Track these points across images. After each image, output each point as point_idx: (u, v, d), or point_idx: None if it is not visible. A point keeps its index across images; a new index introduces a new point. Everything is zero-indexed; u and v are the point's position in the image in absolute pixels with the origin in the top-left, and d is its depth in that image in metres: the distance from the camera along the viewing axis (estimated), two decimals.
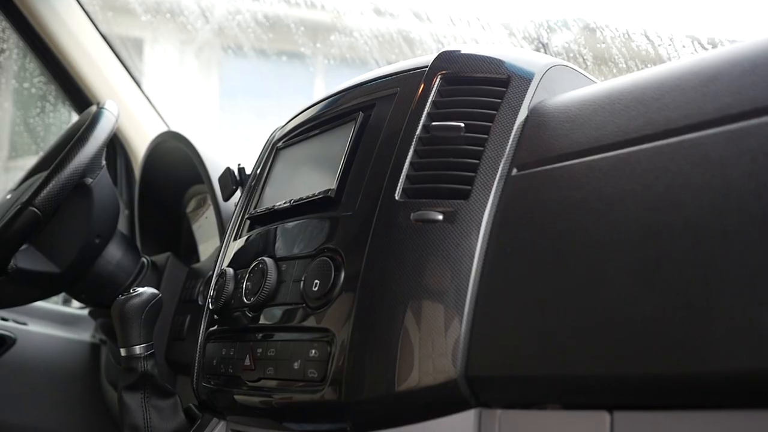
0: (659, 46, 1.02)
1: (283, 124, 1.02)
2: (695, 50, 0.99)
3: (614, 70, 1.10)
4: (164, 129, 1.77)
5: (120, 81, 1.78)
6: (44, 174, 1.10)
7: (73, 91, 1.77)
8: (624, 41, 1.08)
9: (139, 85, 1.81)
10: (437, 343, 0.63)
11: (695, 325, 0.48)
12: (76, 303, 1.88)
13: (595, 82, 0.83)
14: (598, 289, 0.54)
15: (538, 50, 1.27)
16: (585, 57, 1.15)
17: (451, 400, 0.63)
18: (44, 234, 1.13)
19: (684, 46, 0.99)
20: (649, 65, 1.09)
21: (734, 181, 0.50)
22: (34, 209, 1.05)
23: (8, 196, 1.30)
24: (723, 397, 0.47)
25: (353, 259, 0.71)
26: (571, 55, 1.17)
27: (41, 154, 1.41)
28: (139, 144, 1.77)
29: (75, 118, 1.93)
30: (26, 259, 1.13)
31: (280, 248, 0.83)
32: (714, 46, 1.04)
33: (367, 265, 0.70)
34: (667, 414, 0.50)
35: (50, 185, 1.06)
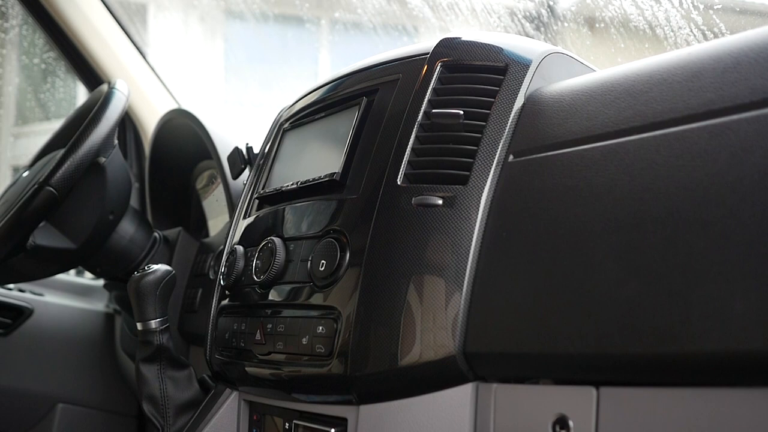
0: (656, 27, 1.03)
1: (289, 105, 1.04)
2: (691, 32, 1.01)
3: (612, 49, 1.12)
4: (173, 104, 1.80)
5: (129, 57, 1.80)
6: (59, 153, 1.13)
7: (83, 67, 1.79)
8: (623, 22, 1.10)
9: (147, 61, 1.83)
10: (437, 321, 0.67)
11: (674, 308, 0.51)
12: (89, 274, 1.92)
13: (592, 69, 0.85)
14: (585, 273, 0.58)
15: (538, 28, 1.29)
16: (584, 36, 1.16)
17: (450, 375, 0.67)
18: (60, 212, 1.18)
19: (680, 28, 1.01)
20: (646, 45, 1.11)
21: (714, 174, 0.53)
22: (51, 189, 1.09)
23: (25, 174, 1.33)
24: (699, 375, 0.51)
25: (358, 241, 0.75)
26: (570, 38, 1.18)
27: (45, 122, 1.43)
28: (149, 119, 1.79)
29: (81, 89, 1.95)
30: (44, 236, 1.18)
31: (288, 228, 0.86)
32: (706, 15, 1.04)
33: (370, 247, 0.73)
34: (648, 390, 0.54)
35: (65, 165, 1.09)
